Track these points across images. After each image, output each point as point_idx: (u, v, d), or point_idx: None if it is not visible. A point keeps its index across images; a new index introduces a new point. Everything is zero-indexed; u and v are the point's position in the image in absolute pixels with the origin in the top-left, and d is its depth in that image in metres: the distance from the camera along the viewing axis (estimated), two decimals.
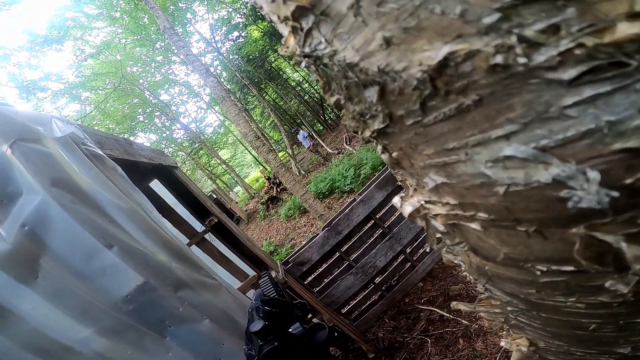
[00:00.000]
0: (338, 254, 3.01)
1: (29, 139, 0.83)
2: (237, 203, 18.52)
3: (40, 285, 0.89)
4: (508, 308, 0.56)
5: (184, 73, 15.35)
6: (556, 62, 0.24)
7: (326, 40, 0.34)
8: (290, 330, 0.90)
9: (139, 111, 13.87)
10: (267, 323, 0.85)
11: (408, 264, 3.25)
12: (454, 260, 0.52)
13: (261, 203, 12.68)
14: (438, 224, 0.45)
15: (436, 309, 2.86)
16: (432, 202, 0.43)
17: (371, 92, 0.35)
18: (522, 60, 0.25)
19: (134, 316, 0.97)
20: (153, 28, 11.29)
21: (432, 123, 0.33)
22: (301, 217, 8.69)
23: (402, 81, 0.31)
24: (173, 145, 16.44)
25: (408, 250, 3.18)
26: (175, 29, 5.37)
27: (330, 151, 12.32)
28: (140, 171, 1.95)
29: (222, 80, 14.70)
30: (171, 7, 11.39)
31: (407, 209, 0.47)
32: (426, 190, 0.42)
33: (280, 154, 19.49)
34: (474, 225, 0.39)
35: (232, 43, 14.64)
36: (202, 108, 17.47)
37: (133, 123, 13.78)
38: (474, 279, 0.52)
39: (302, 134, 13.56)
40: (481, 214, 0.37)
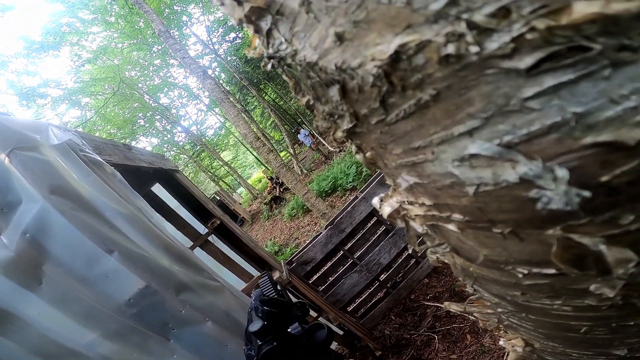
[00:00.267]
0: (342, 252, 3.01)
1: (26, 148, 0.83)
2: (241, 204, 18.57)
3: (44, 291, 0.90)
4: (498, 309, 0.53)
5: (183, 76, 15.37)
6: (510, 50, 0.22)
7: (286, 40, 0.32)
8: (289, 330, 0.90)
9: (140, 115, 13.89)
10: (266, 323, 0.85)
11: (412, 260, 3.24)
12: (439, 261, 0.49)
13: (264, 203, 12.72)
14: (417, 225, 0.42)
15: (441, 306, 2.86)
16: (410, 203, 0.40)
17: (334, 92, 0.32)
18: (474, 49, 0.23)
19: (137, 319, 0.99)
20: (149, 32, 11.27)
21: (395, 121, 0.30)
22: (305, 216, 8.70)
23: (360, 78, 0.29)
24: (175, 148, 16.48)
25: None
26: (170, 32, 5.37)
27: (331, 149, 12.32)
28: (141, 176, 1.96)
29: (221, 82, 14.71)
30: (166, 11, 11.38)
31: (386, 210, 0.44)
32: (401, 190, 0.39)
33: (282, 154, 19.50)
34: (451, 226, 0.37)
35: (230, 44, 14.63)
36: (203, 110, 17.49)
37: (134, 127, 13.81)
38: (462, 280, 0.49)
39: (303, 133, 13.58)
40: (456, 215, 0.35)
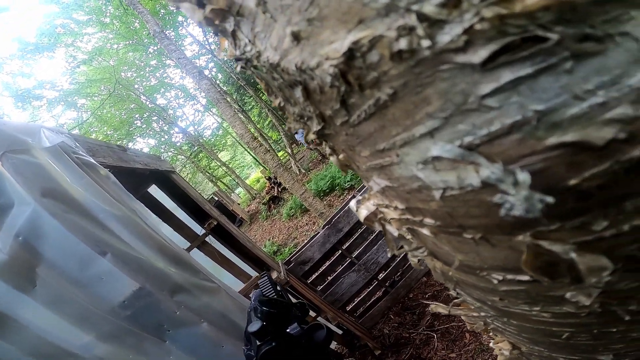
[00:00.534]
0: (340, 252, 3.01)
1: (18, 150, 0.83)
2: (239, 204, 18.55)
3: (38, 293, 0.91)
4: (482, 313, 0.51)
5: (179, 76, 15.33)
6: (463, 42, 0.21)
7: (250, 41, 0.31)
8: (288, 330, 0.90)
9: (136, 116, 13.84)
10: (265, 323, 0.85)
11: None
12: (420, 264, 0.48)
13: (263, 203, 12.70)
14: (392, 229, 0.41)
15: (441, 304, 2.86)
16: (385, 206, 0.39)
17: (298, 93, 0.31)
18: (426, 43, 0.21)
19: (132, 321, 0.99)
20: (145, 32, 11.24)
21: (358, 123, 0.29)
22: (303, 216, 8.70)
23: (319, 79, 0.27)
24: (172, 149, 16.44)
25: None
26: (166, 33, 5.35)
27: None
28: (137, 177, 1.95)
29: (218, 82, 14.68)
30: (162, 11, 11.34)
31: (363, 213, 0.43)
32: (375, 193, 0.38)
33: (279, 154, 19.48)
34: (425, 231, 0.35)
35: None
36: (200, 111, 17.45)
37: (131, 129, 13.75)
38: (444, 283, 0.48)
39: (301, 132, 13.53)
40: (428, 220, 0.33)
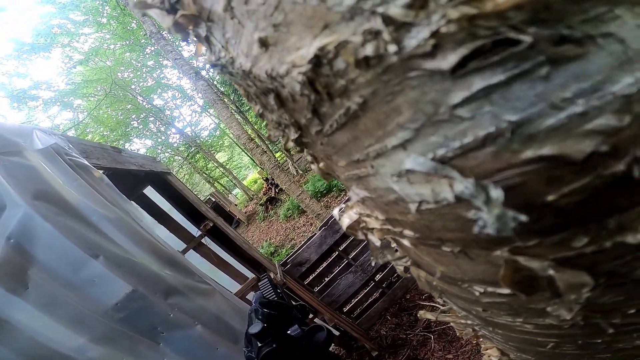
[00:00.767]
0: (337, 253, 3.00)
1: (10, 152, 0.83)
2: (237, 205, 18.51)
3: (31, 295, 0.90)
4: (468, 322, 0.51)
5: (176, 77, 15.29)
6: (431, 47, 0.19)
7: (223, 46, 0.30)
8: (289, 332, 0.91)
9: (133, 117, 13.78)
10: (266, 325, 0.86)
11: None
12: (407, 272, 0.46)
13: (260, 204, 12.68)
14: (375, 239, 0.39)
15: (438, 305, 2.86)
16: (367, 215, 0.38)
17: (272, 101, 0.30)
18: (392, 48, 0.20)
19: (126, 324, 0.98)
20: (142, 33, 11.19)
21: (331, 132, 0.28)
22: (300, 217, 8.69)
23: (289, 86, 0.26)
24: (169, 150, 16.38)
25: None
26: (163, 33, 5.34)
27: None
28: (133, 179, 1.94)
29: (216, 83, 14.65)
30: None
31: (345, 222, 0.41)
32: (356, 202, 0.37)
33: (277, 155, 19.46)
34: (405, 242, 0.35)
35: None
36: (197, 111, 17.41)
37: (127, 129, 13.69)
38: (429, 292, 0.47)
39: None
40: (407, 232, 0.32)
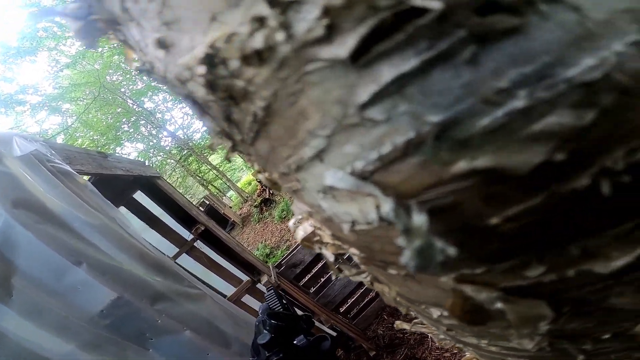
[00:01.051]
0: None
1: None
2: (231, 208, 18.42)
3: (16, 303, 0.90)
4: (441, 336, 0.46)
5: None
6: (323, 29, 0.16)
7: (140, 50, 0.27)
8: (295, 342, 0.94)
9: (124, 120, 13.64)
10: (274, 335, 0.89)
11: None
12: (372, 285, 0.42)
13: (254, 206, 12.62)
14: (329, 254, 0.36)
15: (405, 322, 2.86)
16: (320, 229, 0.35)
17: (193, 108, 0.28)
18: (280, 35, 0.17)
19: (113, 330, 0.98)
20: None
21: (252, 142, 0.25)
22: None
23: (195, 92, 0.23)
24: (162, 153, 16.25)
25: None
26: None
27: None
28: (122, 184, 1.92)
29: None
30: None
31: (299, 234, 0.38)
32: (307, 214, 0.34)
33: None
34: (357, 259, 0.31)
35: None
36: (188, 114, 17.32)
37: (118, 133, 13.56)
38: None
39: None
40: (353, 250, 0.29)
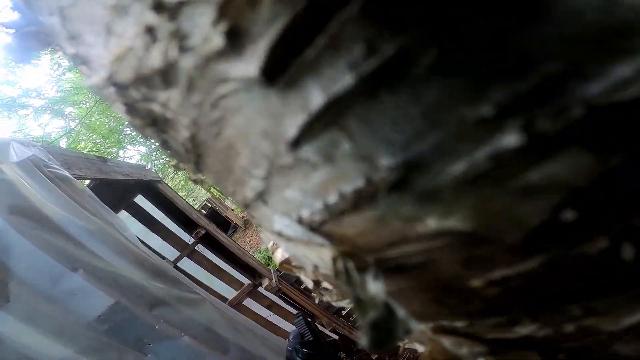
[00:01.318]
0: None
1: None
2: (233, 210, 18.43)
3: (12, 308, 0.89)
4: None
5: None
6: (223, 37, 0.12)
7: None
8: None
9: (126, 124, 13.71)
10: None
11: None
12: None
13: None
14: (307, 280, 0.35)
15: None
16: None
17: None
18: (172, 50, 0.13)
19: (111, 335, 0.98)
20: None
21: (196, 171, 0.22)
22: None
23: (117, 110, 0.21)
24: (164, 156, 16.30)
25: None
26: None
27: None
28: (122, 188, 1.92)
29: None
30: None
31: (277, 258, 0.35)
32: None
33: None
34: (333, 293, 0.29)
35: None
36: None
37: (121, 136, 13.61)
38: None
39: None
40: (326, 284, 0.27)
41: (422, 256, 0.13)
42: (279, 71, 0.11)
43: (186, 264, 2.37)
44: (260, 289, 2.55)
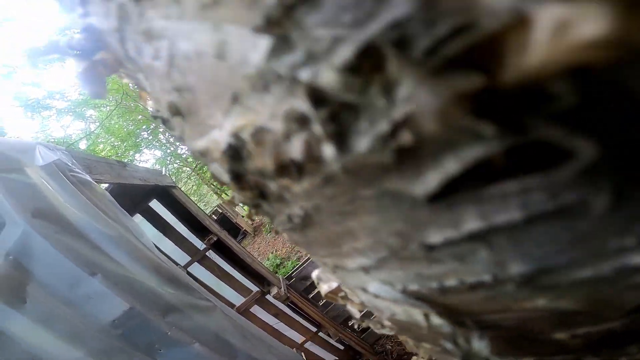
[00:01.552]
0: None
1: (10, 170, 0.84)
2: (243, 217, 18.50)
3: (29, 310, 0.92)
4: None
5: None
6: (393, 154, 0.11)
7: (153, 97, 0.25)
8: None
9: (143, 127, 13.98)
10: None
11: None
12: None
13: None
14: (355, 311, 0.35)
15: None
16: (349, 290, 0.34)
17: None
18: (329, 150, 0.12)
19: (123, 340, 0.99)
20: None
21: (282, 229, 0.22)
22: None
23: (218, 175, 0.21)
24: (178, 161, 16.51)
25: None
26: None
27: None
28: (139, 192, 1.96)
29: None
30: None
31: (324, 289, 0.37)
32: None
33: None
34: (388, 328, 0.30)
35: None
36: None
37: (138, 140, 13.87)
38: None
39: None
40: (386, 322, 0.28)
41: (518, 320, 0.14)
42: (444, 196, 0.11)
43: (196, 269, 2.39)
44: (268, 297, 2.54)
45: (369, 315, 0.35)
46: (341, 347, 3.04)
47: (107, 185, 1.43)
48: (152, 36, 0.15)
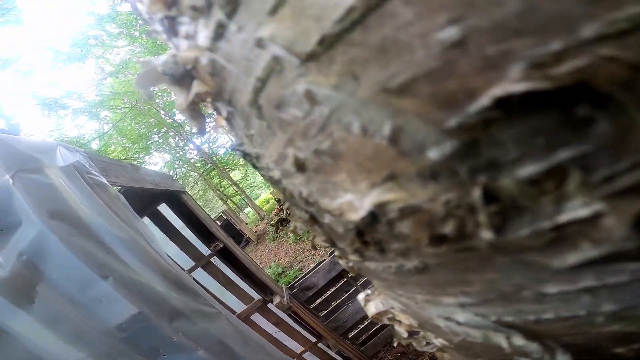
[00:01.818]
0: (345, 279, 2.96)
1: (31, 170, 0.85)
2: (247, 224, 18.52)
3: (36, 310, 0.91)
4: None
5: None
6: (547, 242, 0.13)
7: (247, 137, 0.26)
8: None
9: (154, 131, 14.15)
10: None
11: None
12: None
13: (271, 225, 12.65)
14: (402, 331, 0.38)
15: None
16: (397, 309, 0.37)
17: (302, 214, 0.26)
18: (487, 235, 0.14)
19: (128, 343, 0.99)
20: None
21: (374, 269, 0.24)
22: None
23: (332, 224, 0.22)
24: (186, 165, 16.63)
25: None
26: None
27: None
28: (149, 195, 1.98)
29: None
30: None
31: (371, 310, 0.40)
32: (385, 292, 0.36)
33: None
34: (436, 342, 0.33)
35: None
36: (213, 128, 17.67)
37: (148, 142, 14.03)
38: None
39: None
40: (441, 340, 0.30)
41: (589, 339, 0.16)
42: (575, 269, 0.14)
43: (199, 275, 2.39)
44: (269, 305, 2.54)
45: (413, 333, 0.38)
46: (340, 359, 3.01)
47: (119, 187, 1.45)
48: (311, 99, 0.17)
